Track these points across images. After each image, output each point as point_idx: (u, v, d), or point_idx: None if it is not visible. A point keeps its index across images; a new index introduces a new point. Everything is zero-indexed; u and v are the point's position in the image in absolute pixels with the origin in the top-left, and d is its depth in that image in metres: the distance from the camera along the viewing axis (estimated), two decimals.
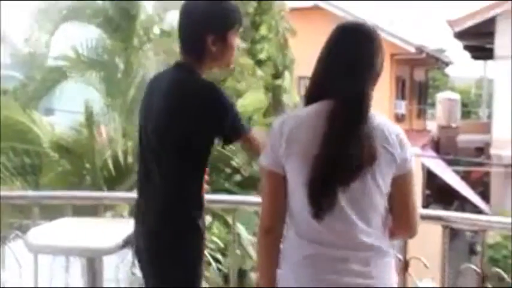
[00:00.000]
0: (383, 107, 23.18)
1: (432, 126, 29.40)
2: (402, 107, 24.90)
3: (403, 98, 25.73)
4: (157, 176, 3.10)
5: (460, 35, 23.27)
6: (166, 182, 3.09)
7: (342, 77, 2.58)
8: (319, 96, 2.63)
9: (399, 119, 24.12)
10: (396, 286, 2.67)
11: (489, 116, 27.62)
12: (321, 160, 2.50)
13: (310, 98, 2.67)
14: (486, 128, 23.89)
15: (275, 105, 11.02)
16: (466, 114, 36.04)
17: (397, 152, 2.58)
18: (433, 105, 31.99)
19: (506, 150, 20.80)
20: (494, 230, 4.16)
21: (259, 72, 10.30)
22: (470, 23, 22.78)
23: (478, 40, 22.93)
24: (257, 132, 3.22)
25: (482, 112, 32.08)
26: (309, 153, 2.52)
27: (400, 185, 2.62)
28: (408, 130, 22.70)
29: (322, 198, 2.52)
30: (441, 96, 29.11)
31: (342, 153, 2.50)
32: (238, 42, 3.23)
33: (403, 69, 24.85)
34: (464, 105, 35.30)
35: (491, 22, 22.56)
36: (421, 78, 29.67)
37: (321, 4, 22.19)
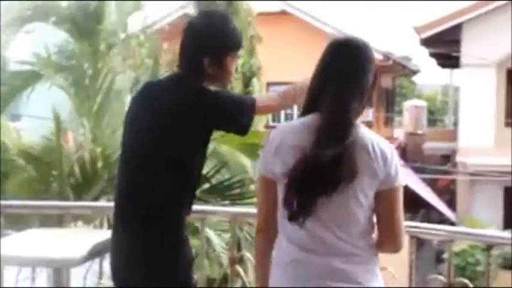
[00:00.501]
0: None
1: (399, 133, 29.59)
2: (369, 115, 25.04)
3: (370, 105, 25.86)
4: (148, 182, 3.12)
5: (426, 42, 23.48)
6: (158, 188, 3.11)
7: (330, 91, 2.67)
8: (313, 109, 2.73)
9: (366, 126, 24.18)
10: None
11: (455, 124, 27.88)
12: (301, 169, 2.59)
13: (304, 110, 2.77)
14: (452, 136, 24.17)
15: None
16: (432, 121, 36.36)
17: (380, 167, 2.64)
18: (400, 112, 32.25)
19: (472, 158, 21.05)
20: (462, 240, 4.20)
21: None
22: (436, 30, 23.00)
23: (444, 47, 23.15)
24: (263, 97, 3.30)
25: (448, 120, 32.38)
26: (293, 162, 2.62)
27: (384, 200, 2.70)
28: None
29: (297, 204, 2.61)
30: (408, 104, 29.33)
31: (321, 166, 2.57)
32: (236, 65, 3.30)
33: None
34: (430, 112, 35.63)
35: (457, 29, 22.80)
36: (388, 86, 29.87)
37: (289, 9, 22.24)
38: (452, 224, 18.94)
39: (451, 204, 23.30)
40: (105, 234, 4.10)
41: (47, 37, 9.05)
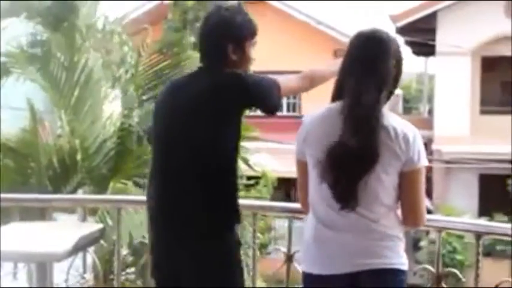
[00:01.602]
0: (326, 102, 23.32)
1: None
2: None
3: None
4: (190, 177, 3.21)
5: (401, 31, 23.50)
6: (204, 183, 3.21)
7: (351, 80, 2.95)
8: (340, 96, 3.00)
9: None
10: (405, 268, 2.98)
11: (430, 112, 28.01)
12: (330, 153, 2.88)
13: (333, 97, 3.06)
14: (428, 124, 24.22)
15: None
16: (407, 109, 36.50)
17: (402, 150, 2.90)
18: None
19: (448, 146, 21.15)
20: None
21: None
22: (411, 18, 23.04)
23: (419, 36, 23.19)
24: (283, 79, 3.41)
25: (423, 108, 32.52)
26: (322, 145, 2.92)
27: (407, 181, 2.96)
28: None
29: (339, 190, 2.90)
30: None
31: (346, 149, 2.85)
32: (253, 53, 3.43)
33: None
34: (405, 100, 35.76)
35: (432, 18, 22.86)
36: None
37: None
38: (428, 211, 19.06)
39: (427, 191, 23.41)
40: (89, 227, 4.05)
41: (23, 29, 8.94)
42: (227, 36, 3.30)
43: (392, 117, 2.94)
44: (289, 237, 4.17)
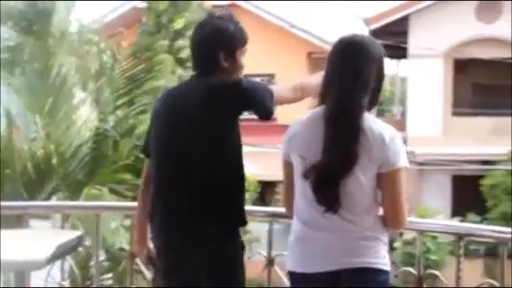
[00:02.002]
0: (301, 106, 23.34)
1: None
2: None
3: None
4: (195, 184, 3.27)
5: (374, 34, 23.56)
6: (211, 189, 3.27)
7: (335, 84, 3.01)
8: (324, 101, 3.05)
9: None
10: (386, 268, 3.02)
11: (403, 114, 28.16)
12: (313, 156, 2.96)
13: (318, 102, 3.10)
14: (400, 126, 24.35)
15: None
16: (380, 112, 36.63)
17: (378, 151, 2.94)
18: None
19: (421, 148, 21.28)
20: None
21: (179, 70, 10.22)
22: (384, 21, 23.20)
23: (391, 39, 23.34)
24: (278, 88, 3.50)
25: (396, 110, 32.68)
26: (305, 148, 3.02)
27: (385, 182, 2.99)
28: None
29: (322, 191, 2.96)
30: None
31: (326, 154, 2.93)
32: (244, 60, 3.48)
33: (320, 68, 25.05)
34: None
35: (404, 21, 23.05)
36: None
37: (239, 2, 22.18)
38: None
39: None
40: (67, 234, 4.00)
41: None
42: (219, 45, 3.36)
43: (371, 119, 2.99)
44: (269, 241, 4.16)
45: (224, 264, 3.31)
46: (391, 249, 17.75)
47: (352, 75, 3.00)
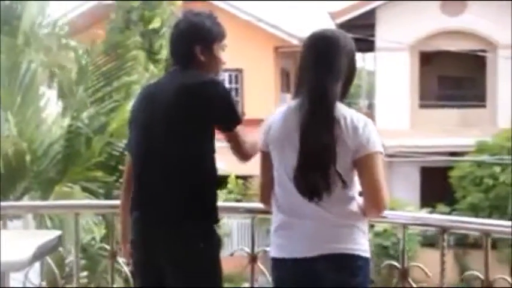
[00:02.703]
0: (268, 100, 23.36)
1: None
2: (287, 100, 25.11)
3: (287, 90, 25.99)
4: (171, 182, 3.29)
5: (341, 27, 23.64)
6: (186, 186, 3.30)
7: (308, 77, 3.09)
8: (299, 94, 3.13)
9: None
10: (365, 255, 3.10)
11: (369, 107, 28.32)
12: (290, 148, 3.06)
13: (294, 95, 3.19)
14: (368, 118, 24.52)
15: None
16: (347, 104, 36.65)
17: (350, 138, 3.00)
18: None
19: (389, 140, 21.40)
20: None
21: (151, 67, 10.15)
22: (350, 15, 23.29)
23: (358, 32, 23.44)
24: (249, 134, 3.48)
25: (362, 103, 32.85)
26: (283, 140, 3.10)
27: (361, 168, 3.05)
28: None
29: (300, 180, 3.02)
30: None
31: (303, 143, 3.01)
32: (223, 55, 3.54)
33: (287, 62, 25.12)
34: None
35: (371, 14, 23.15)
36: None
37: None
38: None
39: None
40: (46, 235, 3.94)
41: None
42: (195, 38, 3.42)
43: (343, 108, 3.08)
44: (252, 237, 4.15)
45: (194, 262, 3.32)
46: None
47: (325, 68, 3.07)
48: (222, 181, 3.68)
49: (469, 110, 23.31)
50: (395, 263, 3.79)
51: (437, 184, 21.32)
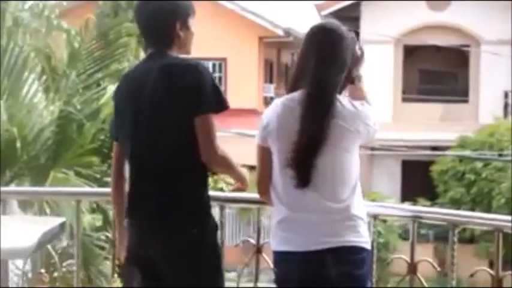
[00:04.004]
0: (252, 90, 23.31)
1: None
2: (271, 90, 25.08)
3: (271, 81, 25.94)
4: (162, 169, 3.19)
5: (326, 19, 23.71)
6: (176, 173, 3.20)
7: (310, 70, 3.07)
8: (297, 86, 3.12)
9: (268, 102, 24.27)
10: (367, 246, 3.08)
11: None
12: (291, 139, 3.02)
13: (291, 87, 3.17)
14: None
15: None
16: None
17: (353, 124, 3.06)
18: None
19: None
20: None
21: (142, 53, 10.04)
22: (336, 6, 23.28)
23: (343, 24, 23.43)
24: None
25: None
26: (283, 132, 3.07)
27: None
28: None
29: (297, 169, 3.01)
30: None
31: (306, 134, 3.00)
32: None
33: (271, 52, 25.09)
34: None
35: (356, 6, 23.17)
36: (287, 61, 30.04)
37: None
38: None
39: None
40: (50, 221, 3.87)
41: None
42: (174, 14, 3.27)
43: (340, 97, 3.09)
44: (258, 229, 4.11)
45: (188, 250, 3.21)
46: None
47: (329, 61, 3.07)
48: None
49: (451, 105, 23.42)
50: (405, 258, 3.76)
51: (418, 178, 21.43)
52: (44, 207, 6.22)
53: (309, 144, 3.00)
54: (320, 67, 3.05)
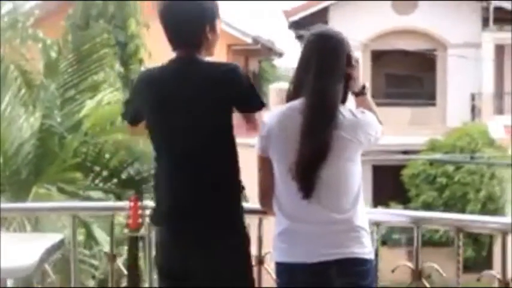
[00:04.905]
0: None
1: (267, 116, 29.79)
2: None
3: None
4: (202, 173, 3.14)
5: (294, 25, 23.81)
6: (217, 176, 3.16)
7: (310, 78, 3.06)
8: (297, 95, 3.11)
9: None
10: (370, 257, 3.08)
11: None
12: (294, 149, 2.99)
13: (290, 96, 3.15)
14: None
15: None
16: None
17: (355, 134, 3.05)
18: (264, 95, 32.50)
19: None
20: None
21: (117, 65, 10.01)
22: (304, 13, 23.39)
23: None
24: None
25: None
26: (285, 142, 3.05)
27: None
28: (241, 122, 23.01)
29: (301, 181, 2.98)
30: (274, 87, 29.57)
31: (309, 144, 2.97)
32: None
33: (239, 60, 25.07)
34: None
35: (324, 12, 23.29)
36: (255, 69, 30.05)
37: None
38: None
39: None
40: (49, 238, 3.82)
41: None
42: (204, 17, 3.22)
43: (344, 109, 3.08)
44: (259, 240, 4.07)
45: (235, 256, 3.20)
46: None
47: (330, 70, 3.06)
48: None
49: (419, 109, 23.62)
50: (410, 264, 3.74)
51: (389, 182, 21.53)
52: (25, 223, 6.13)
53: (312, 157, 2.97)
54: (320, 76, 3.05)
